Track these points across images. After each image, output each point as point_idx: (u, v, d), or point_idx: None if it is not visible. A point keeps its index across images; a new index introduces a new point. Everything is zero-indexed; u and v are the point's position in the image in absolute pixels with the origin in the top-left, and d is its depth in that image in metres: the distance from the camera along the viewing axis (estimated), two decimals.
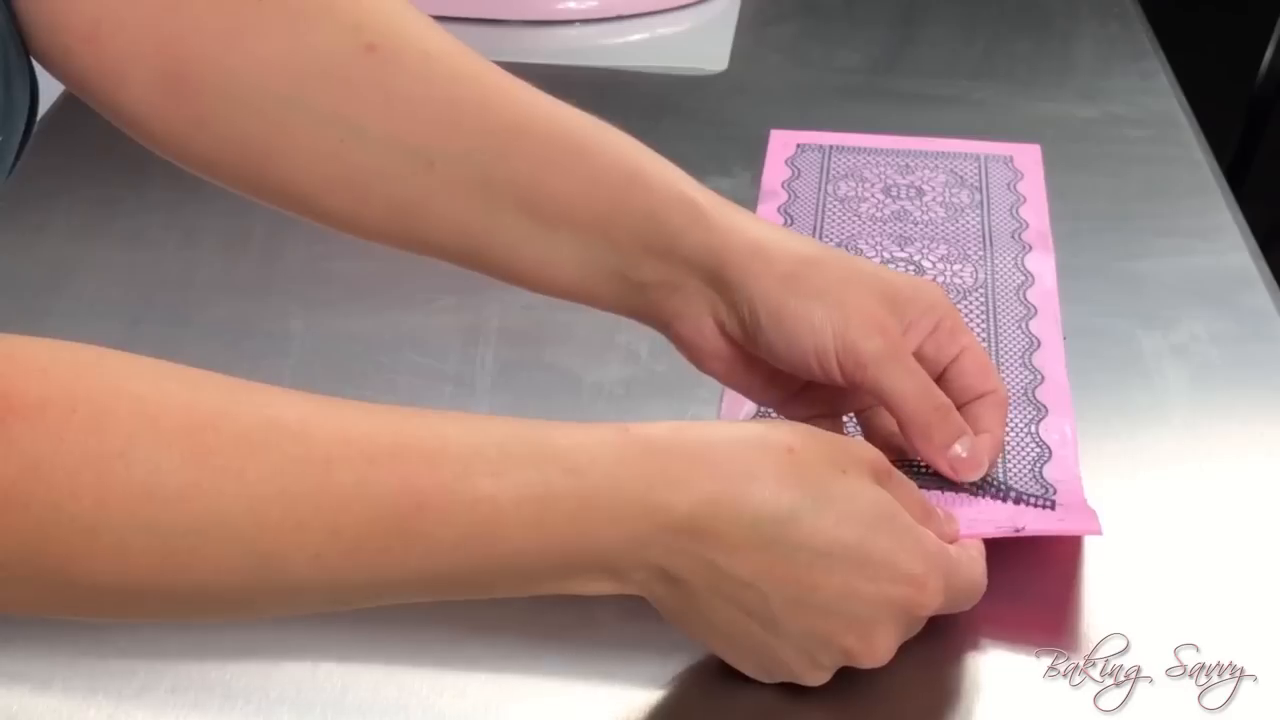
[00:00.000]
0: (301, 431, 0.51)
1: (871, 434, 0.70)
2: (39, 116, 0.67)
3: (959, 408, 0.67)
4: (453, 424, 0.55)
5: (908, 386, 0.65)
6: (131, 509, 0.48)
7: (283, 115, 0.65)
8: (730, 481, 0.56)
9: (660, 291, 0.67)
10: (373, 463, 0.52)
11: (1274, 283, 0.89)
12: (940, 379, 0.67)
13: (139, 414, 0.49)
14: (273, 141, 0.66)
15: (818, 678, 0.60)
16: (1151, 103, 1.10)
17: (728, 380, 0.70)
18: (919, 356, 0.67)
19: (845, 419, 0.71)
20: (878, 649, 0.59)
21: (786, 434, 0.58)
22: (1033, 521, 0.65)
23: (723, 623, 0.58)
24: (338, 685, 0.62)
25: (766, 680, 0.61)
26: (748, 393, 0.70)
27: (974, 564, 0.62)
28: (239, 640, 0.63)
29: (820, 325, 0.65)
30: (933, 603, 0.59)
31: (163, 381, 0.51)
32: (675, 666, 0.62)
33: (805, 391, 0.69)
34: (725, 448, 0.57)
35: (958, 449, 0.66)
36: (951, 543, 0.62)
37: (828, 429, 0.67)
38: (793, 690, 0.60)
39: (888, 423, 0.68)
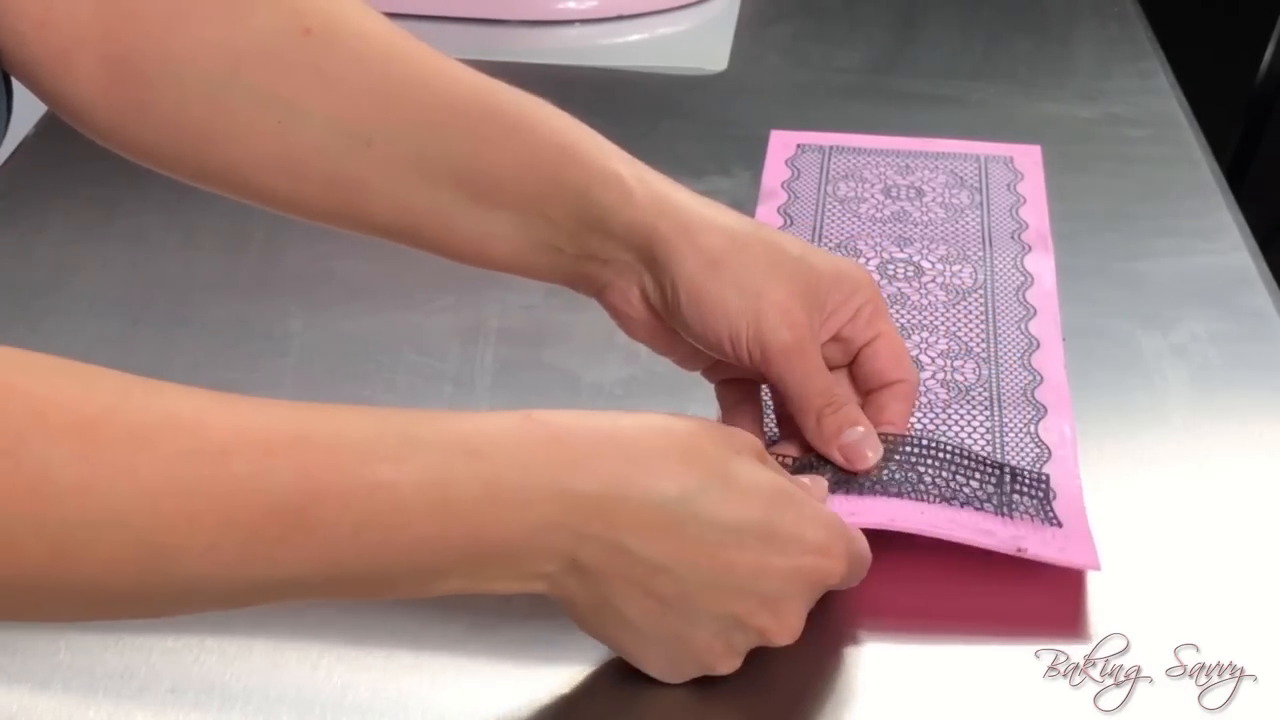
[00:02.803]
0: (196, 425, 0.51)
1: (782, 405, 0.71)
2: (38, 116, 0.67)
3: (868, 393, 0.69)
4: (353, 415, 0.54)
5: (806, 382, 0.67)
6: (19, 506, 0.47)
7: (222, 97, 0.66)
8: (637, 463, 0.56)
9: (592, 264, 0.69)
10: (269, 453, 0.51)
11: (1274, 283, 0.89)
12: (854, 361, 0.70)
13: (28, 411, 0.48)
14: (212, 123, 0.67)
15: (731, 664, 0.60)
16: (1151, 103, 1.10)
17: (653, 347, 0.71)
18: (837, 339, 0.69)
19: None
20: (790, 625, 0.60)
21: (683, 421, 0.59)
22: (1035, 546, 0.66)
23: (635, 614, 0.58)
24: (338, 685, 0.62)
25: (674, 680, 0.61)
26: (676, 362, 0.72)
27: (860, 536, 0.63)
28: (239, 640, 0.63)
29: (735, 313, 0.66)
30: (838, 570, 0.60)
31: (54, 377, 0.50)
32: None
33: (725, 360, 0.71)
34: (630, 432, 0.57)
35: (851, 435, 0.67)
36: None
37: (744, 393, 0.70)
38: (790, 689, 0.60)
39: None
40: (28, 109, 0.90)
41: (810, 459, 0.68)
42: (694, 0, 1.24)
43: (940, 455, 0.68)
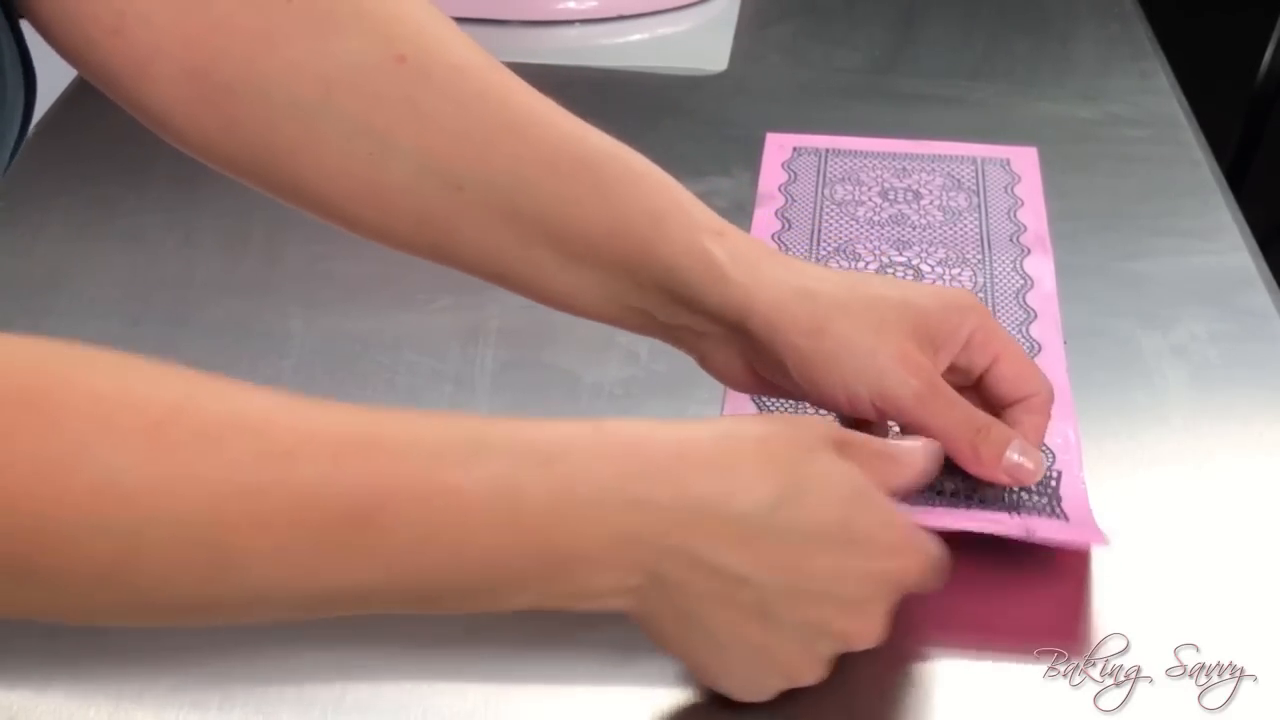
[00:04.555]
0: (264, 426, 0.50)
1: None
2: (38, 116, 0.67)
3: (1000, 410, 0.68)
4: (421, 419, 0.53)
5: (948, 420, 0.65)
6: (84, 508, 0.47)
7: (312, 121, 0.65)
8: (713, 477, 0.55)
9: (687, 334, 0.68)
10: (336, 457, 0.50)
11: (1274, 283, 0.89)
12: (980, 384, 0.68)
13: (95, 412, 0.48)
14: (301, 146, 0.65)
15: (816, 673, 0.59)
16: (1151, 103, 1.10)
17: (764, 395, 0.70)
18: (953, 369, 0.67)
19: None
20: (873, 628, 0.59)
21: (752, 425, 0.58)
22: (1042, 529, 0.66)
23: (717, 627, 0.57)
24: (338, 685, 0.62)
25: (756, 698, 0.60)
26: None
27: (935, 541, 0.62)
28: (239, 640, 0.63)
29: (850, 376, 0.65)
30: (915, 569, 0.59)
31: (122, 377, 0.49)
32: (673, 666, 0.62)
33: None
34: (702, 443, 0.56)
35: (1012, 457, 0.66)
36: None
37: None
38: (789, 689, 0.60)
39: None
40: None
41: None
42: (694, 0, 1.24)
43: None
